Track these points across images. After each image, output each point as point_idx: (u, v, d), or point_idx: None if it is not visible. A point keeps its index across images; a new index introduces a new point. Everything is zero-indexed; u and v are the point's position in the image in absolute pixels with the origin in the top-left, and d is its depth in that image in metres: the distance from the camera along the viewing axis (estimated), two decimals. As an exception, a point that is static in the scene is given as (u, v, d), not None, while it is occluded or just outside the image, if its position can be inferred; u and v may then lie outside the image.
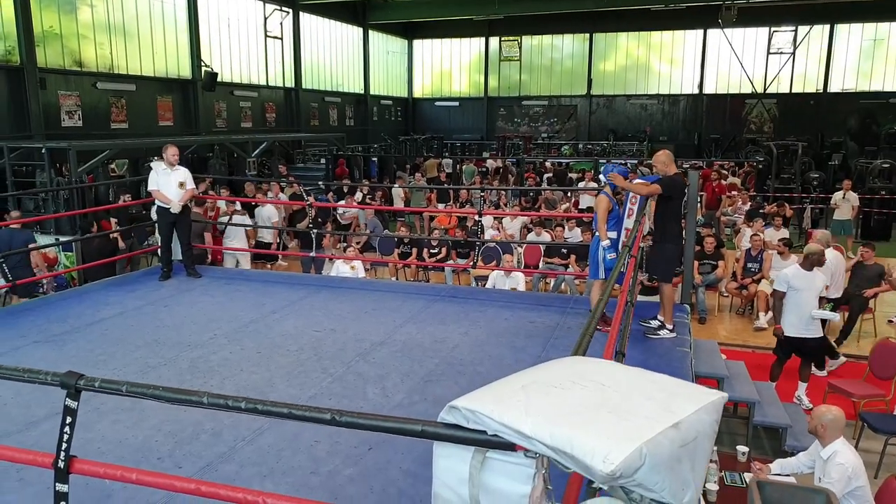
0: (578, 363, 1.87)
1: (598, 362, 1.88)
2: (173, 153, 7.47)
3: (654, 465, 1.39)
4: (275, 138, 19.88)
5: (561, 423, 1.45)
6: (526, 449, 1.49)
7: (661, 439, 1.43)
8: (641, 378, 1.76)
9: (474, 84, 34.08)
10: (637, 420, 1.49)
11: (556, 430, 1.43)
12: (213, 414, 4.00)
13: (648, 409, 1.55)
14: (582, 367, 1.80)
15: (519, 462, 1.49)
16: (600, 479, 1.39)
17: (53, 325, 5.98)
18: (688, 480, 1.47)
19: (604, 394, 1.60)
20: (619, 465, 1.36)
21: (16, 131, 15.49)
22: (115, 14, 18.56)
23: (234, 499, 1.90)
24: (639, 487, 1.42)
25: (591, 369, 1.79)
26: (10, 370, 2.09)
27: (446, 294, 7.17)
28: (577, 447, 1.40)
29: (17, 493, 3.28)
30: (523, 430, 1.44)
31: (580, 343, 2.14)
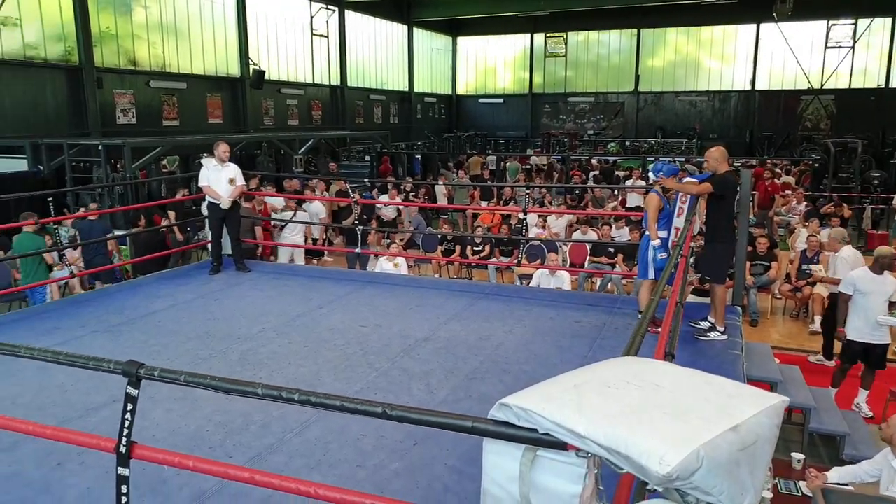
0: (631, 363, 1.84)
1: (651, 363, 1.85)
2: (224, 150, 7.62)
3: (711, 469, 1.37)
4: (321, 136, 20.12)
5: (615, 424, 1.43)
6: (577, 448, 1.47)
7: (719, 442, 1.40)
8: (697, 379, 1.73)
9: (518, 81, 33.92)
10: (694, 422, 1.47)
11: (611, 431, 1.42)
12: (262, 406, 4.08)
13: (705, 410, 1.52)
14: (635, 368, 1.77)
15: (570, 461, 1.48)
16: (656, 480, 1.37)
17: (111, 316, 6.17)
18: (747, 485, 1.44)
19: (659, 394, 1.58)
20: (676, 467, 1.33)
21: (75, 129, 16.05)
22: (167, 14, 19.05)
23: (287, 489, 1.93)
24: (695, 490, 1.39)
25: (644, 370, 1.76)
26: (76, 357, 2.17)
27: (490, 292, 7.16)
28: (632, 448, 1.38)
29: (79, 475, 3.40)
30: (576, 429, 1.43)
31: (632, 343, 2.11)
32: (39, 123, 15.32)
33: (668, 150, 28.02)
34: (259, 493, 3.17)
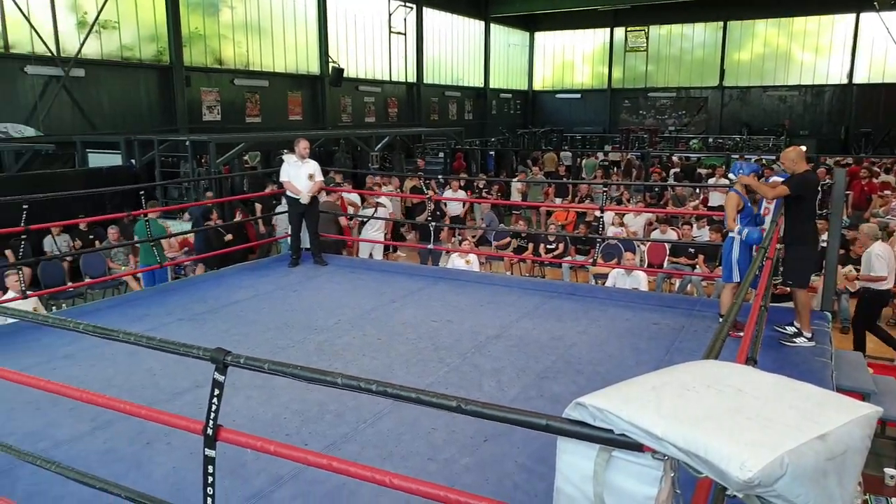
0: (712, 367, 1.78)
1: (733, 367, 1.79)
2: (304, 147, 7.82)
3: (796, 477, 1.32)
4: (396, 132, 20.38)
5: (695, 427, 1.39)
6: (654, 450, 1.44)
7: (805, 450, 1.35)
8: (781, 385, 1.66)
9: (597, 76, 33.33)
10: (778, 428, 1.41)
11: (690, 434, 1.38)
12: (336, 396, 4.17)
13: (791, 417, 1.46)
14: (717, 372, 1.72)
15: (646, 463, 1.45)
16: (736, 486, 1.33)
17: (195, 305, 6.45)
18: (835, 497, 1.38)
19: (741, 399, 1.52)
20: (758, 474, 1.29)
21: (164, 125, 16.85)
22: (251, 14, 19.71)
23: (363, 476, 1.97)
24: (778, 499, 1.35)
25: (726, 374, 1.70)
26: (169, 343, 2.28)
27: (564, 291, 7.08)
28: (712, 452, 1.34)
29: (167, 455, 3.58)
30: (654, 431, 1.40)
31: (712, 347, 2.04)
32: (133, 120, 16.17)
33: (753, 147, 26.91)
34: (334, 480, 3.25)
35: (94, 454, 3.62)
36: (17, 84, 14.30)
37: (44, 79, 14.63)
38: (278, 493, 3.26)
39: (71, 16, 15.29)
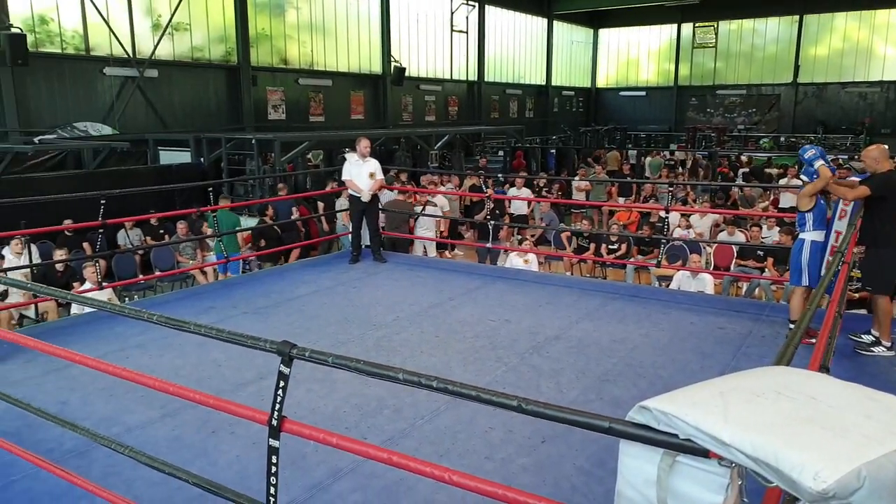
0: (782, 374, 1.71)
1: (806, 374, 1.71)
2: (365, 145, 7.92)
3: (875, 491, 1.26)
4: (456, 131, 20.43)
5: (765, 434, 1.34)
6: (721, 457, 1.39)
7: (885, 462, 1.29)
8: (860, 395, 1.58)
9: (663, 73, 32.60)
10: (855, 439, 1.34)
11: (760, 441, 1.33)
12: (394, 391, 4.21)
13: (868, 427, 1.39)
14: (788, 378, 1.65)
15: (712, 470, 1.40)
16: (808, 497, 1.27)
17: (259, 299, 6.62)
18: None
19: (815, 408, 1.46)
20: (833, 485, 1.24)
21: (231, 124, 17.35)
22: (316, 14, 20.08)
23: (423, 472, 1.98)
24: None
25: (798, 381, 1.63)
26: (237, 335, 2.34)
27: (626, 293, 6.94)
28: (784, 461, 1.29)
29: (230, 443, 3.69)
30: (721, 436, 1.36)
31: (784, 353, 1.96)
32: (202, 119, 16.71)
33: (829, 146, 25.80)
34: (392, 475, 3.29)
35: (162, 440, 3.75)
36: (97, 85, 14.97)
37: (120, 79, 15.28)
38: (337, 486, 3.31)
39: (146, 19, 15.92)
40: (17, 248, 8.26)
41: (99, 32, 14.97)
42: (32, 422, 3.76)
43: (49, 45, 14.32)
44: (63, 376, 4.64)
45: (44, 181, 10.69)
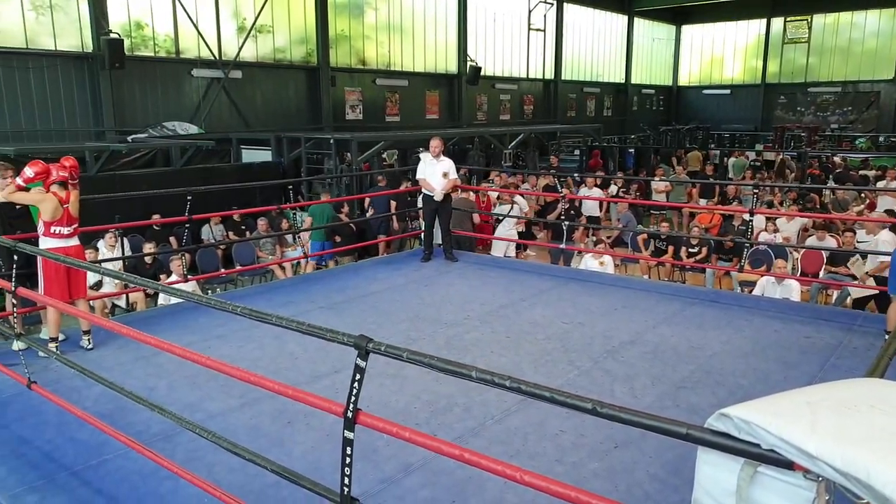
0: (875, 386, 1.62)
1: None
2: (436, 145, 7.98)
3: None
4: (531, 130, 20.28)
5: (856, 448, 1.28)
6: (807, 470, 1.33)
7: None
8: None
9: (749, 70, 31.30)
10: None
11: (851, 455, 1.27)
12: (465, 390, 4.22)
13: None
14: (882, 391, 1.55)
15: (797, 483, 1.34)
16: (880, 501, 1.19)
17: (334, 294, 6.77)
18: None
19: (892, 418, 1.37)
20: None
21: (310, 124, 17.81)
22: (394, 15, 20.34)
23: (494, 470, 1.98)
24: None
25: (892, 394, 1.54)
26: (316, 328, 2.41)
27: (705, 297, 6.72)
28: (877, 476, 1.22)
29: (305, 434, 3.80)
30: (807, 449, 1.29)
31: (877, 365, 1.85)
32: (282, 119, 17.22)
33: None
34: (461, 472, 3.30)
35: (241, 429, 3.89)
36: (185, 86, 15.67)
37: (207, 80, 15.93)
38: (408, 480, 3.35)
39: (231, 22, 16.53)
40: (111, 242, 8.75)
41: (188, 36, 15.66)
42: (123, 405, 3.98)
43: (143, 49, 15.08)
44: (151, 363, 4.87)
45: (135, 177, 11.26)
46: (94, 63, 13.78)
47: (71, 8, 13.67)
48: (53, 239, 4.98)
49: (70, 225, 5.06)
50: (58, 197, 4.95)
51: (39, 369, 4.38)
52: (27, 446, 3.80)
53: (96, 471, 3.53)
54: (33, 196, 4.95)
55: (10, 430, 4.00)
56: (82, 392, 4.29)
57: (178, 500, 3.23)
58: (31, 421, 4.07)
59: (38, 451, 3.75)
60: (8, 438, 3.89)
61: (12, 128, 12.78)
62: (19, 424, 4.04)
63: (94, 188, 8.77)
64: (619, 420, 1.68)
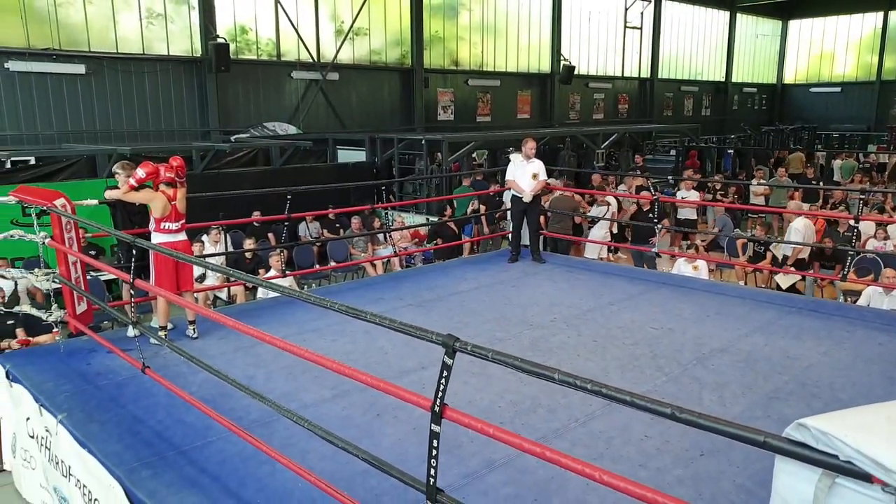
0: None
1: None
2: (531, 147, 7.98)
3: None
4: (625, 129, 19.89)
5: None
6: (885, 483, 1.32)
7: None
8: None
9: (863, 66, 29.41)
10: None
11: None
12: (549, 392, 4.26)
13: None
14: None
15: (875, 496, 1.34)
16: None
17: (423, 292, 6.93)
18: None
19: None
20: None
21: (403, 124, 18.18)
22: (488, 15, 20.44)
23: (574, 469, 2.03)
24: None
25: None
26: (406, 326, 2.53)
27: (804, 306, 6.43)
28: None
29: (393, 427, 3.94)
30: (883, 461, 1.31)
31: None
32: (376, 120, 17.68)
33: None
34: (543, 472, 3.36)
35: (333, 419, 4.08)
36: (285, 87, 16.37)
37: (305, 82, 16.58)
38: (491, 477, 3.43)
39: (330, 25, 17.12)
40: (215, 237, 9.29)
41: (289, 39, 16.34)
42: (225, 391, 4.26)
43: (247, 53, 15.87)
44: (250, 354, 5.17)
45: (237, 176, 11.88)
46: (202, 66, 14.63)
47: (182, 16, 14.57)
48: (163, 234, 5.36)
49: (178, 221, 5.42)
50: (166, 195, 5.32)
51: (150, 355, 4.74)
52: (141, 425, 4.13)
53: (201, 451, 3.81)
54: (144, 195, 5.34)
55: (127, 409, 4.36)
56: (188, 378, 4.61)
57: (274, 484, 3.44)
58: (144, 402, 4.42)
59: (150, 430, 4.08)
60: (124, 417, 4.25)
61: (127, 128, 13.76)
62: (134, 405, 4.40)
63: (199, 186, 9.35)
64: (697, 426, 1.70)
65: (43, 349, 5.74)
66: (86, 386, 4.72)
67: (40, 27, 12.65)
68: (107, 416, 4.26)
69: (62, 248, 5.27)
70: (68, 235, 5.36)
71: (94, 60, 13.27)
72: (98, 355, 5.19)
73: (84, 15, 13.20)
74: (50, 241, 5.25)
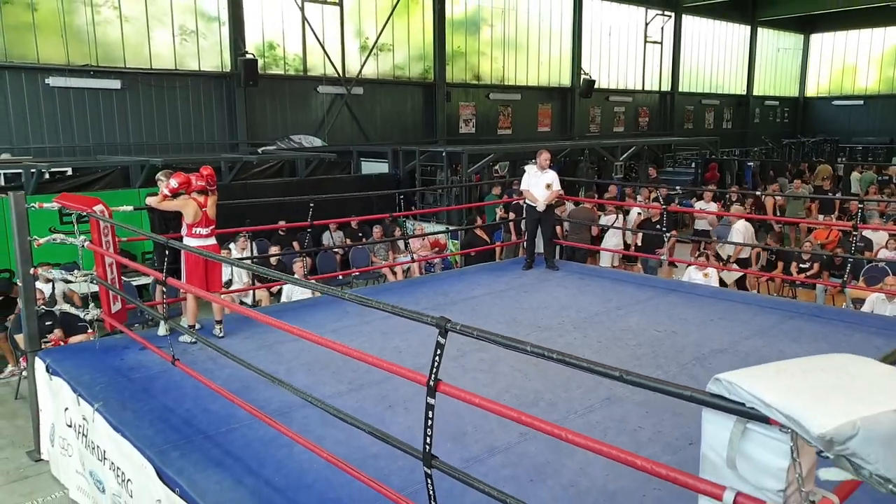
0: (847, 360, 1.94)
1: (865, 361, 1.90)
2: (545, 158, 8.26)
3: (867, 439, 1.52)
4: (644, 142, 20.06)
5: (795, 397, 1.61)
6: (781, 424, 1.61)
7: (880, 418, 1.54)
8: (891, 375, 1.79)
9: (886, 80, 29.24)
10: (863, 402, 1.60)
11: (788, 401, 1.60)
12: (552, 386, 4.53)
13: (878, 395, 1.63)
14: (844, 362, 1.88)
15: (775, 436, 1.61)
16: (814, 440, 1.54)
17: (438, 297, 7.22)
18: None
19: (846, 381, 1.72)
20: (830, 431, 1.51)
21: (425, 137, 18.55)
22: (509, 31, 20.79)
23: (584, 445, 2.28)
24: (854, 457, 1.53)
25: (853, 364, 1.86)
26: (406, 310, 2.87)
27: (807, 312, 6.60)
28: (799, 413, 1.57)
29: (403, 416, 4.24)
30: (764, 398, 1.63)
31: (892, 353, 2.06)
32: (399, 133, 18.08)
33: None
34: (541, 457, 3.65)
35: (348, 410, 4.28)
36: (311, 101, 16.84)
37: (331, 96, 17.04)
38: (491, 460, 3.70)
39: (355, 41, 17.59)
40: (242, 245, 9.68)
41: (315, 55, 16.84)
42: (248, 385, 4.60)
43: (274, 68, 16.38)
44: (272, 352, 5.50)
45: (264, 186, 12.29)
46: (232, 81, 15.15)
47: (213, 32, 15.13)
48: (194, 239, 5.73)
49: (208, 226, 5.79)
50: (197, 202, 5.69)
51: (178, 353, 5.08)
52: (170, 413, 4.47)
53: (226, 436, 4.13)
54: (177, 203, 5.71)
55: (157, 399, 4.71)
56: (214, 373, 4.94)
57: (291, 464, 3.75)
58: (174, 394, 4.76)
59: (179, 417, 4.41)
60: (155, 406, 4.60)
61: (160, 140, 14.30)
62: (164, 396, 4.75)
63: (227, 195, 9.73)
64: (639, 385, 1.97)
65: (80, 346, 6.15)
66: (120, 378, 5.08)
67: (79, 45, 13.26)
68: (139, 405, 4.61)
69: (100, 251, 5.66)
70: (105, 239, 5.75)
71: (129, 76, 13.84)
72: (131, 352, 5.57)
73: (120, 32, 13.79)
74: (89, 244, 5.64)
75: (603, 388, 4.65)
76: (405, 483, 3.38)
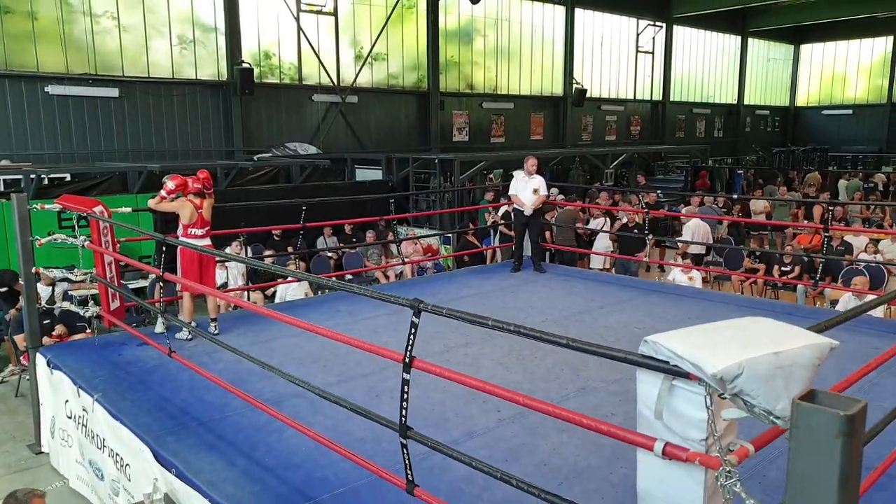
0: (752, 321, 2.26)
1: (766, 321, 2.23)
2: (532, 164, 8.50)
3: (750, 377, 1.80)
4: (634, 150, 20.38)
5: (699, 349, 1.91)
6: (699, 378, 1.86)
7: (760, 359, 1.83)
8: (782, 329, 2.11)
9: (874, 89, 29.70)
10: (749, 348, 1.89)
11: (694, 351, 1.90)
12: (531, 378, 4.80)
13: (762, 342, 1.94)
14: (748, 322, 2.21)
15: (694, 390, 1.84)
16: (709, 379, 1.82)
17: (427, 298, 7.16)
18: (781, 394, 1.82)
19: (744, 336, 2.02)
20: (720, 370, 1.80)
21: (418, 145, 18.83)
22: (501, 40, 21.13)
23: (553, 413, 2.50)
24: (742, 394, 1.79)
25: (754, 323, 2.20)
26: (383, 294, 3.09)
27: (782, 311, 6.85)
28: (699, 358, 1.87)
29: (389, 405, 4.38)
30: (677, 351, 1.91)
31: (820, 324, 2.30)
32: (393, 140, 18.35)
33: None
34: (516, 440, 3.88)
35: (336, 398, 4.60)
36: (306, 110, 17.12)
37: (326, 105, 17.32)
38: (469, 443, 3.92)
39: (350, 51, 17.90)
40: (237, 248, 9.89)
41: (310, 64, 17.13)
42: (241, 377, 4.82)
43: (270, 76, 16.67)
44: (265, 347, 5.71)
45: (259, 192, 12.50)
46: (228, 90, 15.43)
47: (210, 41, 15.41)
48: (190, 239, 5.95)
49: (203, 227, 6.01)
50: (193, 204, 5.92)
51: (175, 348, 5.30)
52: (167, 403, 4.69)
53: (220, 423, 4.35)
54: (173, 204, 5.95)
55: (155, 390, 4.93)
56: (209, 367, 5.14)
57: (281, 447, 3.97)
58: (170, 385, 4.98)
59: (175, 406, 4.63)
60: (152, 397, 4.81)
61: (157, 147, 14.55)
62: (160, 387, 4.97)
63: (223, 201, 9.95)
64: (583, 351, 2.21)
65: (79, 343, 6.36)
66: (118, 371, 5.30)
67: (78, 54, 13.52)
68: (137, 396, 4.82)
69: (99, 250, 5.89)
70: (105, 239, 5.98)
71: (127, 84, 14.10)
72: (129, 347, 5.79)
73: (119, 42, 14.07)
74: (89, 243, 5.86)
75: (580, 380, 4.88)
76: (388, 463, 3.60)
